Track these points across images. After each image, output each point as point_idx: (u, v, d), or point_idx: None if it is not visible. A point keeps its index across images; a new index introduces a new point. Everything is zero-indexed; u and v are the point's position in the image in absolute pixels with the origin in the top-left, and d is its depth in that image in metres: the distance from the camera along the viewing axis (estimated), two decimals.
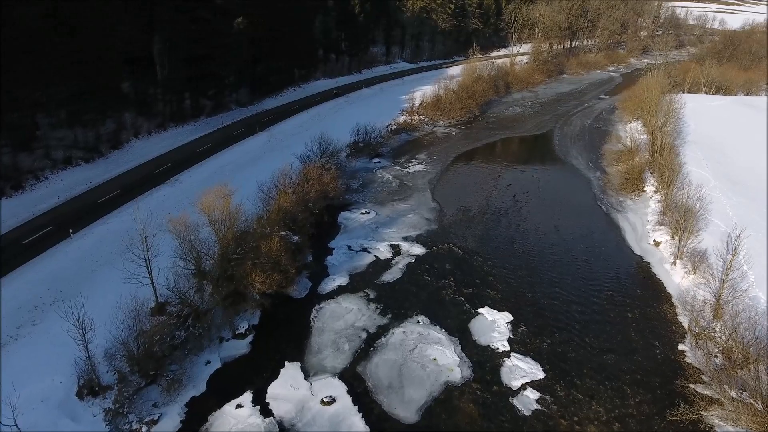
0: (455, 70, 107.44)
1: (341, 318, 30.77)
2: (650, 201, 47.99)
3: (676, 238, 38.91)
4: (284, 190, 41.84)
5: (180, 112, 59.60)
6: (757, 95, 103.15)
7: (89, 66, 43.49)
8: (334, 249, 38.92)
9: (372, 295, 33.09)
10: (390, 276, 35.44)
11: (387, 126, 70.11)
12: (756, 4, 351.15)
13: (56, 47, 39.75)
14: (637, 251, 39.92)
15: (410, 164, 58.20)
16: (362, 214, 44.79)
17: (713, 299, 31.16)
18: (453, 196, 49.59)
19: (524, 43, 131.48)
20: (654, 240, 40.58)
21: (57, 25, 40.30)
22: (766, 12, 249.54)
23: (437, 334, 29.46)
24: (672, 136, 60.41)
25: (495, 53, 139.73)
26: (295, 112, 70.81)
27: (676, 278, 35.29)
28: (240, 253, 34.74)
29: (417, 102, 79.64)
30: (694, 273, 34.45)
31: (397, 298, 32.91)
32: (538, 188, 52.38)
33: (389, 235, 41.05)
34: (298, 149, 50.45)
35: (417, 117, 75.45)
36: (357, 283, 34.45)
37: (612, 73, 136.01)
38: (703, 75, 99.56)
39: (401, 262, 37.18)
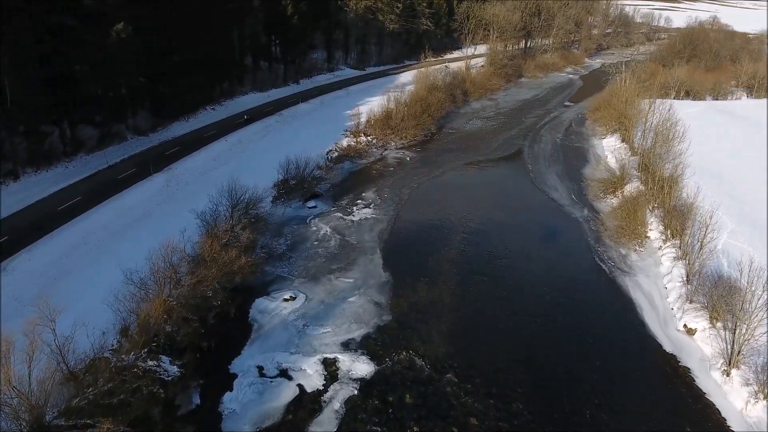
0: (407, 77, 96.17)
1: None
2: (661, 256, 37.52)
3: (719, 326, 28.33)
4: (165, 280, 28.48)
5: (44, 150, 44.56)
6: (726, 99, 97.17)
7: None
8: (237, 376, 25.80)
9: None
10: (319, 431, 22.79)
11: (327, 153, 57.32)
12: (694, 2, 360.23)
13: None
14: (667, 345, 28.96)
15: (355, 208, 45.63)
16: (286, 300, 31.83)
17: None
18: (410, 258, 37.44)
19: (479, 44, 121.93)
20: (685, 325, 29.81)
21: None
22: (712, 11, 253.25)
23: None
24: (663, 158, 50.86)
25: (448, 56, 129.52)
26: (211, 140, 56.79)
27: (736, 402, 24.43)
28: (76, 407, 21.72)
29: (363, 119, 67.28)
30: (766, 398, 23.68)
31: None
32: (518, 240, 41.03)
33: (322, 340, 28.35)
34: (205, 199, 36.97)
35: (364, 138, 62.97)
36: None
37: (571, 76, 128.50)
38: (672, 78, 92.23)
39: (338, 397, 24.56)
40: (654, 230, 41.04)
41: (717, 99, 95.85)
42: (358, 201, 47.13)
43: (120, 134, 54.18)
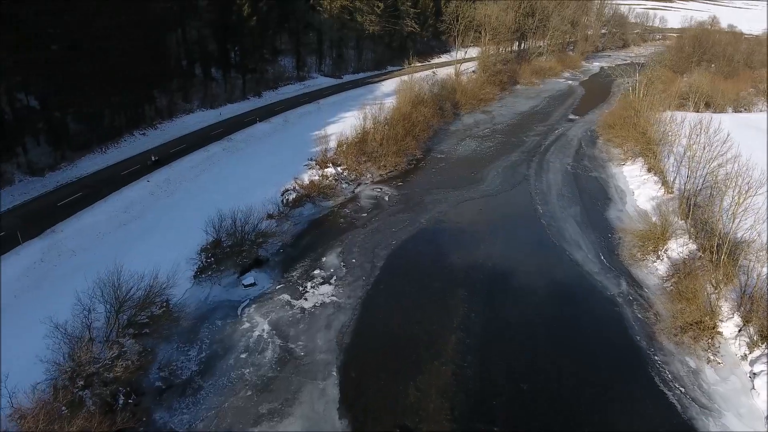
0: (389, 85, 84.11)
1: None
2: (751, 376, 25.55)
3: None
4: None
5: None
6: (749, 111, 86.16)
7: None
8: None
9: None
10: None
11: (282, 194, 44.72)
12: (687, 1, 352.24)
13: None
14: None
15: (309, 284, 33.08)
16: None
17: None
18: (382, 385, 24.96)
19: (469, 47, 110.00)
20: None
21: None
22: (705, 10, 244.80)
23: None
24: (711, 201, 39.29)
25: (436, 60, 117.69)
26: (130, 179, 43.77)
27: None
28: None
29: (333, 143, 54.89)
30: None
31: None
32: (540, 344, 28.70)
33: None
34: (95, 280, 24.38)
35: (332, 171, 50.33)
36: None
37: (570, 82, 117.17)
38: (691, 87, 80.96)
39: None
40: (727, 322, 29.12)
41: (739, 111, 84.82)
42: (315, 271, 34.55)
43: (5, 176, 41.03)
